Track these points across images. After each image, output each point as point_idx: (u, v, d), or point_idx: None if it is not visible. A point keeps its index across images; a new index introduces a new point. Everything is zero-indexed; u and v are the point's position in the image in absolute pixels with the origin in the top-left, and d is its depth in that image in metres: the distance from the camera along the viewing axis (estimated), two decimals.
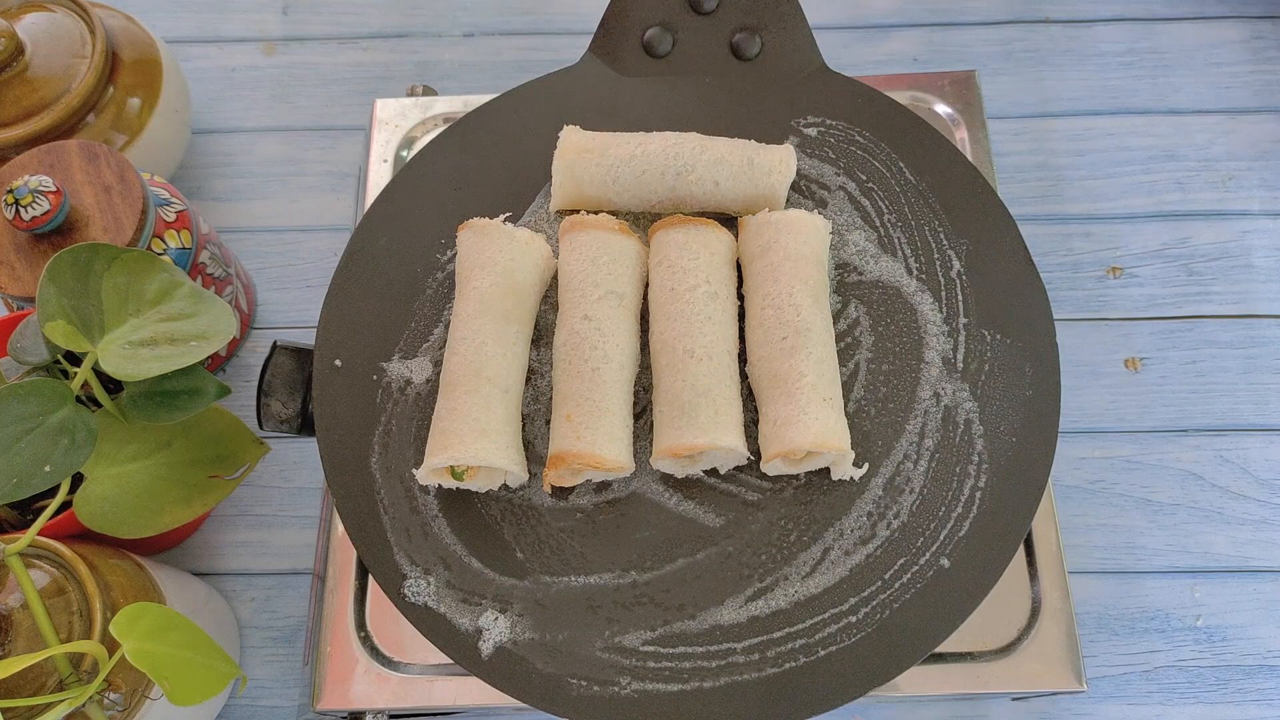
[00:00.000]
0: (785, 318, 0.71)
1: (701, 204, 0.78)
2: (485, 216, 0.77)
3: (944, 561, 0.68)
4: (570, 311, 0.72)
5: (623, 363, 0.71)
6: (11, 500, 0.67)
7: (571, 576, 0.69)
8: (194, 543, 0.98)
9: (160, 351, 0.72)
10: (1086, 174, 1.11)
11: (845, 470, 0.69)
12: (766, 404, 0.70)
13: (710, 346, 0.70)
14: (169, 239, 0.90)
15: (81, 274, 0.72)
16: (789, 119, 0.82)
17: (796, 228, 0.73)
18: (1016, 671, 0.76)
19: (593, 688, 0.66)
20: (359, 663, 0.78)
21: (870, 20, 1.20)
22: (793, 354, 0.69)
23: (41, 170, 0.86)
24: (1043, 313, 0.75)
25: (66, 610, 0.73)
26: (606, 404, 0.69)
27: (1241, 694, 0.90)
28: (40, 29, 0.98)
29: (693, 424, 0.68)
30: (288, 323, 1.07)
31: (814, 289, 0.72)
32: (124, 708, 0.73)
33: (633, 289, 0.74)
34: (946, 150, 0.80)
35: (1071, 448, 0.99)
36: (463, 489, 0.71)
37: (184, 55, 1.20)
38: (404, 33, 1.21)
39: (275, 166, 1.15)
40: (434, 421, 0.70)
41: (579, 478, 0.70)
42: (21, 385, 0.69)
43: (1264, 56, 1.15)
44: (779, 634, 0.67)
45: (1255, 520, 0.96)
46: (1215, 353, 1.02)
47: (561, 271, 0.74)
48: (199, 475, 0.79)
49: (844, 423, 0.69)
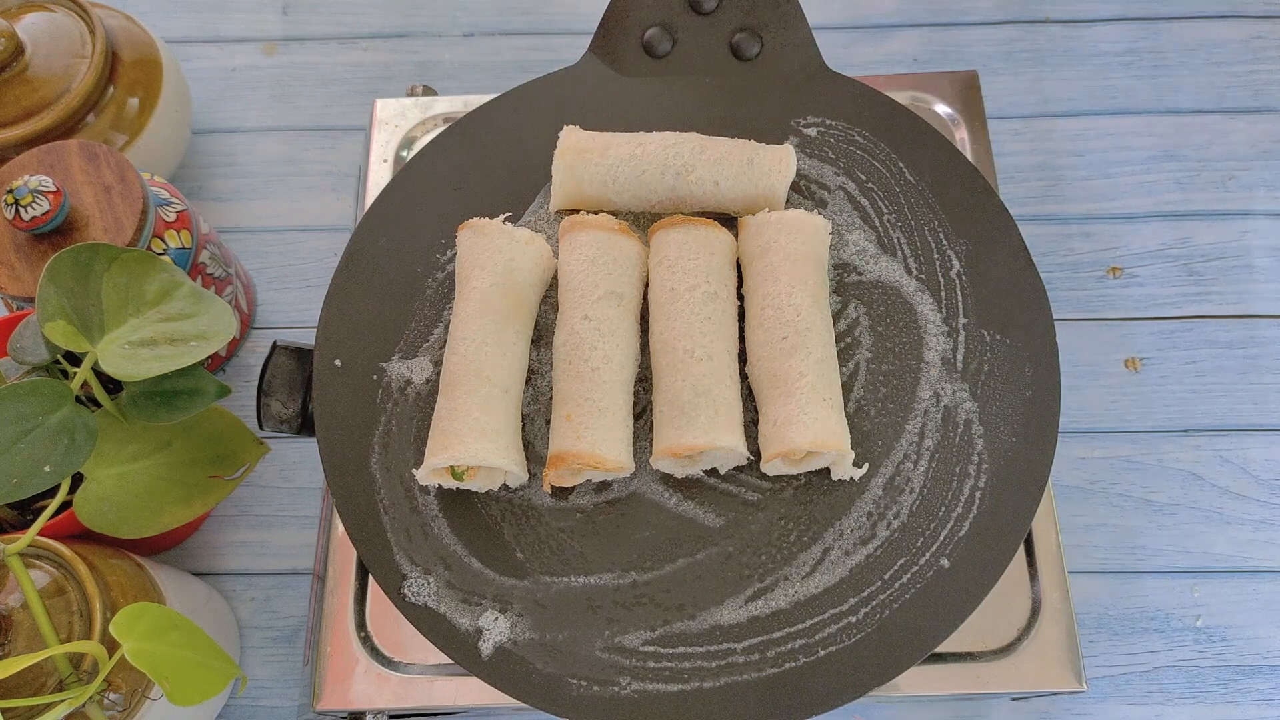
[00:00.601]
0: (785, 318, 0.71)
1: (701, 204, 0.78)
2: (485, 216, 0.77)
3: (944, 561, 0.68)
4: (570, 312, 0.72)
5: (623, 363, 0.71)
6: (11, 500, 0.67)
7: (571, 576, 0.69)
8: (194, 543, 0.98)
9: (160, 352, 0.72)
10: (1086, 174, 1.11)
11: (845, 470, 0.69)
12: (766, 404, 0.70)
13: (710, 346, 0.70)
14: (169, 239, 0.90)
15: (82, 274, 0.72)
16: (789, 119, 0.82)
17: (796, 228, 0.73)
18: (1016, 671, 0.76)
19: (593, 688, 0.66)
20: (359, 663, 0.78)
21: (870, 20, 1.20)
22: (792, 354, 0.69)
23: (41, 170, 0.86)
24: (1043, 313, 0.75)
25: (66, 610, 0.73)
26: (606, 404, 0.69)
27: (1241, 694, 0.90)
28: (40, 29, 0.98)
29: (693, 424, 0.68)
30: (288, 323, 1.08)
31: (814, 289, 0.72)
32: (124, 708, 0.73)
33: (633, 289, 0.74)
34: (946, 150, 0.80)
35: (1071, 448, 0.99)
36: (463, 489, 0.71)
37: (184, 55, 1.20)
38: (404, 33, 1.21)
39: (275, 166, 1.15)
40: (434, 421, 0.70)
41: (579, 478, 0.70)
42: (21, 385, 0.69)
43: (1264, 56, 1.15)
44: (779, 634, 0.67)
45: (1255, 520, 0.96)
46: (1215, 353, 1.02)
47: (561, 272, 0.74)
48: (199, 475, 0.79)
49: (844, 423, 0.69)
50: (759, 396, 0.71)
